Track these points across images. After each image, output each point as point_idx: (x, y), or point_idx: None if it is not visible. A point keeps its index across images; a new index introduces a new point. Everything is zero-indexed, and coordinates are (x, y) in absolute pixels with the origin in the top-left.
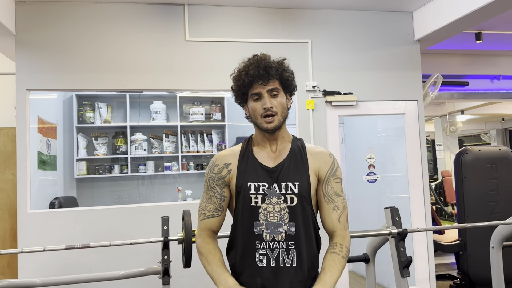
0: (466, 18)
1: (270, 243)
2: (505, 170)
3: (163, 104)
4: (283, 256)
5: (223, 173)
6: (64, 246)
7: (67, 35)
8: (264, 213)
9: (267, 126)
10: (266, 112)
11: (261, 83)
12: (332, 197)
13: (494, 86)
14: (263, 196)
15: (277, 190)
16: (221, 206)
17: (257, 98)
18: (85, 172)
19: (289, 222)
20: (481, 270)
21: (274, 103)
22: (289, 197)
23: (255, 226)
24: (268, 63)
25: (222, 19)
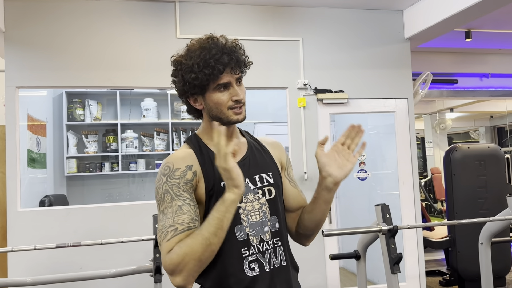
0: (455, 17)
1: (259, 246)
2: (494, 167)
3: (154, 101)
4: (272, 257)
5: (189, 177)
6: (55, 244)
7: (57, 32)
8: (245, 213)
9: (237, 118)
10: (236, 104)
11: (231, 72)
12: (295, 181)
13: (483, 84)
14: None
15: (250, 186)
16: (197, 214)
17: (223, 88)
18: (75, 170)
19: (271, 217)
20: (470, 266)
21: (241, 92)
22: (267, 190)
23: (237, 231)
24: (233, 46)
25: (214, 16)
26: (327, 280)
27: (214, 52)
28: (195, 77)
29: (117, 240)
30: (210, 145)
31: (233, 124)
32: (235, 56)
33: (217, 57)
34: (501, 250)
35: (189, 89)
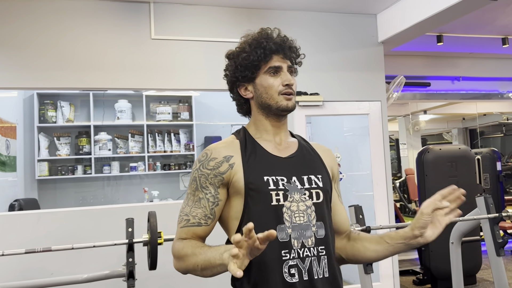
0: (427, 21)
1: (300, 251)
2: (465, 168)
3: (129, 103)
4: (315, 266)
5: (222, 169)
6: (24, 250)
7: (27, 32)
8: (289, 213)
9: (287, 104)
10: (287, 88)
11: (283, 56)
12: (341, 197)
13: (454, 87)
14: (284, 192)
15: (298, 185)
16: (213, 212)
17: (274, 72)
18: (47, 173)
19: (317, 222)
20: (442, 265)
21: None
22: (315, 192)
23: (279, 231)
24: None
25: (189, 17)
26: None
27: (267, 36)
28: (246, 57)
29: (89, 245)
30: (257, 138)
31: (283, 114)
32: (288, 43)
33: (269, 39)
34: (472, 249)
35: (240, 73)
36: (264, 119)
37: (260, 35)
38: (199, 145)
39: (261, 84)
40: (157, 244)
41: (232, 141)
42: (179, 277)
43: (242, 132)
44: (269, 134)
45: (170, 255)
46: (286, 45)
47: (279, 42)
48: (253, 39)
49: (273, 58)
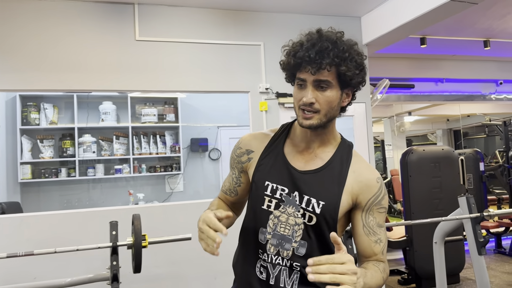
0: (411, 24)
1: (273, 257)
2: (448, 169)
3: (113, 104)
4: (284, 275)
5: (243, 159)
6: (5, 254)
7: (7, 33)
8: (275, 221)
9: (302, 122)
10: (304, 106)
11: (309, 70)
12: (374, 229)
13: (438, 89)
14: (278, 202)
15: (296, 200)
16: (235, 190)
17: (300, 84)
18: (30, 176)
19: (301, 240)
20: (426, 264)
21: (319, 97)
22: (308, 215)
23: (260, 233)
24: (326, 46)
25: (174, 19)
26: None
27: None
28: (283, 62)
29: (72, 248)
30: (290, 138)
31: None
32: (317, 54)
33: (296, 51)
34: (455, 248)
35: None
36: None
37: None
38: (185, 147)
39: (293, 92)
40: (142, 247)
41: (265, 136)
42: (164, 280)
43: (285, 127)
44: (301, 140)
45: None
46: (317, 57)
47: (305, 56)
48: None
49: (301, 69)
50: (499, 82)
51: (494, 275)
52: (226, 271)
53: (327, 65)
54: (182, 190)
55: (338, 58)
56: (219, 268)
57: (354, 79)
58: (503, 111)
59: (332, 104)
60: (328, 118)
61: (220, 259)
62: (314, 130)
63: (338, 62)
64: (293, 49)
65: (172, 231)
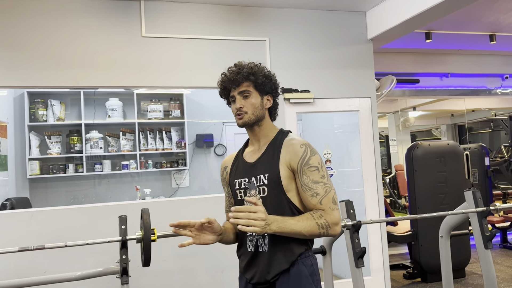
0: (416, 18)
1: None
2: (453, 163)
3: (120, 101)
4: (260, 243)
5: (224, 175)
6: (17, 248)
7: (16, 30)
8: (247, 204)
9: (238, 122)
10: (237, 111)
11: (234, 87)
12: (309, 185)
13: (443, 84)
14: (244, 190)
15: (255, 183)
16: (231, 203)
17: (233, 100)
18: (38, 172)
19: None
20: (432, 259)
21: (244, 103)
22: (261, 188)
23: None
24: (239, 68)
25: (180, 15)
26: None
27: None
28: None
29: (82, 242)
30: (247, 148)
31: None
32: (235, 74)
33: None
34: (461, 243)
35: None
36: (247, 130)
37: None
38: (190, 143)
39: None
40: (151, 241)
41: (233, 154)
42: (173, 274)
43: (245, 143)
44: (252, 142)
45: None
46: (236, 77)
47: (228, 79)
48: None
49: (230, 90)
50: (504, 76)
51: (500, 269)
52: (233, 265)
53: (241, 79)
54: (188, 185)
55: (248, 73)
56: (226, 262)
57: (266, 85)
58: (509, 106)
59: (255, 105)
60: (256, 116)
61: (227, 253)
62: (251, 129)
63: (247, 75)
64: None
65: None
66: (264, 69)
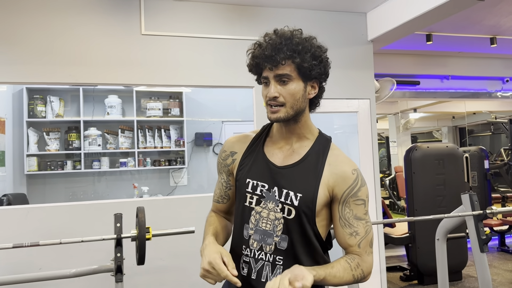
0: (417, 20)
1: (256, 252)
2: (452, 166)
3: (119, 98)
4: (267, 270)
5: (228, 161)
6: (11, 244)
7: (15, 26)
8: (257, 217)
9: (270, 116)
10: (269, 100)
11: (269, 67)
12: (350, 221)
13: (444, 86)
14: (259, 198)
15: (276, 195)
16: (227, 194)
17: (266, 82)
18: (36, 168)
19: (282, 235)
20: (428, 261)
21: (282, 91)
22: (287, 208)
23: (244, 229)
24: (279, 42)
25: (180, 14)
26: None
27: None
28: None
29: (77, 240)
30: (269, 137)
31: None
32: (272, 51)
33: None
34: (458, 245)
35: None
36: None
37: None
38: (189, 141)
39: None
40: (145, 239)
41: (247, 137)
42: (167, 272)
43: (266, 128)
44: (279, 137)
45: (159, 251)
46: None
47: (262, 54)
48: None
49: (263, 69)
50: (505, 79)
51: (497, 272)
52: None
53: (281, 59)
54: (186, 184)
55: (292, 52)
56: None
57: (313, 70)
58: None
59: (296, 96)
60: (295, 111)
61: None
62: (285, 123)
63: (291, 55)
64: (252, 52)
65: (176, 224)
66: (314, 46)
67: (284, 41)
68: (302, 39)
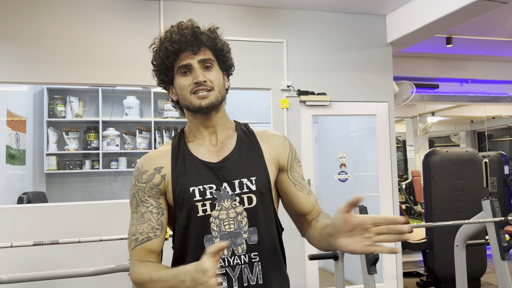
0: (437, 23)
1: (230, 259)
2: (471, 171)
3: (137, 99)
4: (246, 273)
5: (156, 180)
6: (32, 242)
7: (38, 27)
8: (216, 222)
9: (200, 103)
10: (197, 86)
11: (190, 52)
12: (302, 183)
13: (463, 89)
14: (212, 202)
15: (228, 191)
16: (159, 222)
17: (185, 71)
18: (55, 167)
19: (249, 228)
20: (446, 267)
21: (208, 76)
22: (246, 197)
23: (206, 241)
24: (196, 27)
25: (198, 15)
26: (306, 281)
27: (172, 35)
28: (156, 61)
29: (96, 239)
30: (190, 142)
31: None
32: (195, 37)
33: (170, 38)
34: (477, 252)
35: (160, 79)
36: (193, 119)
37: (164, 36)
38: None
39: (177, 86)
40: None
41: (163, 150)
42: None
43: (178, 137)
44: (202, 136)
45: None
46: (191, 40)
47: (182, 39)
48: (159, 42)
49: (180, 57)
50: None
51: None
52: None
53: (205, 42)
54: None
55: (211, 37)
56: None
57: (228, 58)
58: None
59: (221, 81)
60: (222, 96)
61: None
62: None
63: (213, 39)
64: (164, 40)
65: None
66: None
67: (199, 28)
68: (213, 29)
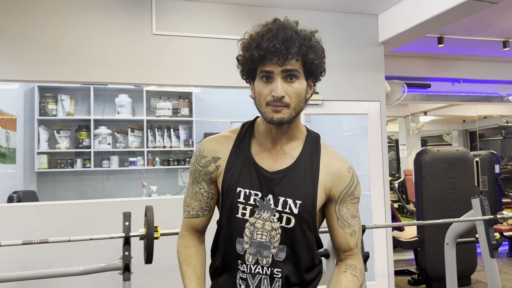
0: (428, 22)
1: (252, 267)
2: (462, 170)
3: (129, 97)
4: (265, 285)
5: (210, 169)
6: (21, 241)
7: (28, 25)
8: (251, 228)
9: (272, 117)
10: (274, 101)
11: (276, 61)
12: (349, 221)
13: (455, 89)
14: (253, 208)
15: (271, 204)
16: (208, 205)
17: (266, 77)
18: (46, 166)
19: (280, 245)
20: (437, 266)
21: (288, 90)
22: (286, 217)
23: (237, 243)
24: (290, 35)
25: (191, 14)
26: None
27: (262, 41)
28: (242, 56)
29: (86, 238)
30: (255, 138)
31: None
32: (283, 44)
33: (259, 42)
34: (467, 250)
35: (242, 72)
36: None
37: (255, 36)
38: (198, 141)
39: (256, 88)
40: (153, 238)
41: (227, 138)
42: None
43: (247, 127)
44: (267, 138)
45: (166, 250)
46: (282, 47)
47: (271, 47)
48: (248, 42)
49: (265, 61)
50: None
51: (507, 278)
52: None
53: (294, 54)
54: None
55: (304, 47)
56: None
57: (320, 68)
58: None
59: (301, 96)
60: (296, 112)
61: None
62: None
63: (305, 51)
64: (254, 42)
65: None
66: (319, 41)
67: (294, 34)
68: (309, 34)
